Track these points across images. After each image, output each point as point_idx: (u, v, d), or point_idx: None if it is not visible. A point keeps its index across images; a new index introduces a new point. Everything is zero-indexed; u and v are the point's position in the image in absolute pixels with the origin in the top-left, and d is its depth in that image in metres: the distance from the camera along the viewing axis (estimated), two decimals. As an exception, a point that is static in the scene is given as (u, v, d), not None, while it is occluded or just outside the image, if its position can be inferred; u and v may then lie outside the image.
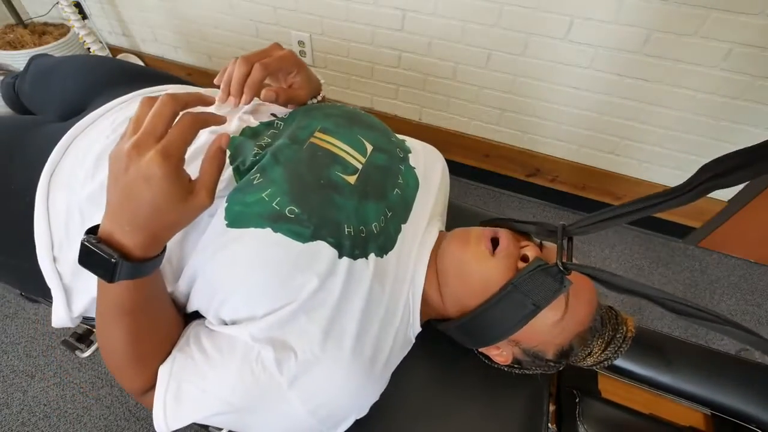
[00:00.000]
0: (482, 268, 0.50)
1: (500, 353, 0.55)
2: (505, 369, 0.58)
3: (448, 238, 0.56)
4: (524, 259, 0.51)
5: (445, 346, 0.60)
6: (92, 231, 0.40)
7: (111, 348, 0.46)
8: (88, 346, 0.76)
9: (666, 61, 1.11)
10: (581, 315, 0.51)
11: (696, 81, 1.13)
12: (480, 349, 0.57)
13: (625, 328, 0.55)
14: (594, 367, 0.56)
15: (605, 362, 0.55)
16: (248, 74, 0.51)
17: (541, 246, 0.54)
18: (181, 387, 0.45)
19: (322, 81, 0.66)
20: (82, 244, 0.38)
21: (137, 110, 0.38)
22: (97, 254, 0.37)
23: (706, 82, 1.12)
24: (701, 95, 1.15)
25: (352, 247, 0.47)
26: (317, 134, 0.53)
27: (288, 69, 0.57)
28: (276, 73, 0.56)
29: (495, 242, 0.52)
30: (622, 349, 0.54)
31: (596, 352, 0.54)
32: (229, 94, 0.52)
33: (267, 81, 0.54)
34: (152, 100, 0.38)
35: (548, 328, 0.50)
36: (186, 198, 0.38)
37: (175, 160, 0.37)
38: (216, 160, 0.39)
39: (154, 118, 0.37)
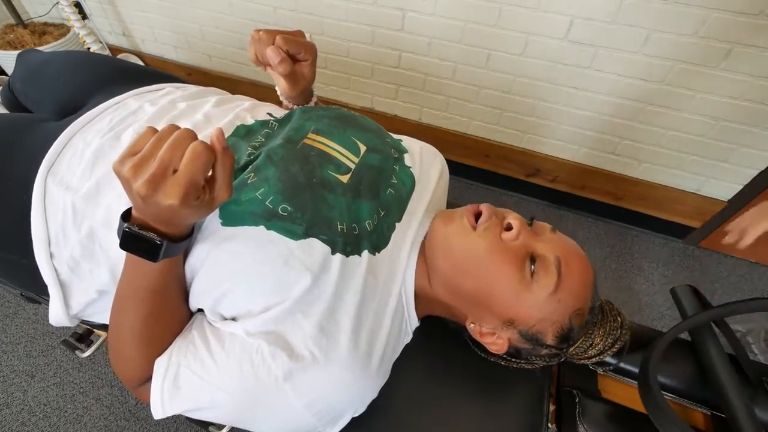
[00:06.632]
0: (464, 241, 0.50)
1: (495, 340, 0.52)
2: (503, 363, 0.56)
3: (433, 220, 0.55)
4: (508, 228, 0.50)
5: (444, 345, 0.60)
6: (124, 218, 0.41)
7: (125, 328, 0.47)
8: (88, 346, 0.76)
9: (666, 61, 1.12)
10: (576, 284, 0.49)
11: (695, 81, 1.13)
12: (474, 335, 0.54)
13: (620, 319, 0.55)
14: (596, 368, 0.55)
15: (607, 352, 0.53)
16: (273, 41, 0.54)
17: (531, 222, 0.53)
18: (180, 372, 0.45)
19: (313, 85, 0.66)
20: (125, 232, 0.39)
21: (144, 138, 0.37)
22: (143, 238, 0.39)
23: (706, 82, 1.12)
24: (700, 95, 1.15)
25: (345, 244, 0.47)
26: (310, 135, 0.54)
27: (300, 51, 0.56)
28: (294, 49, 0.56)
29: (479, 217, 0.51)
30: (622, 338, 0.53)
31: (598, 343, 0.52)
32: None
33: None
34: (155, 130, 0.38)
35: (543, 302, 0.48)
36: (208, 204, 0.40)
37: (191, 190, 0.36)
38: (225, 158, 0.40)
39: (167, 152, 0.36)
